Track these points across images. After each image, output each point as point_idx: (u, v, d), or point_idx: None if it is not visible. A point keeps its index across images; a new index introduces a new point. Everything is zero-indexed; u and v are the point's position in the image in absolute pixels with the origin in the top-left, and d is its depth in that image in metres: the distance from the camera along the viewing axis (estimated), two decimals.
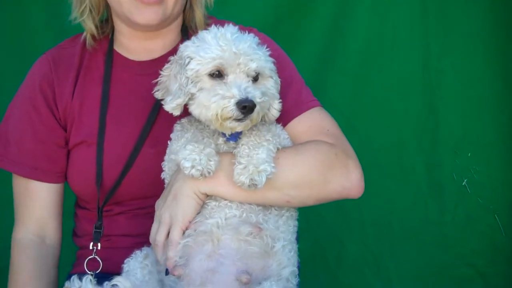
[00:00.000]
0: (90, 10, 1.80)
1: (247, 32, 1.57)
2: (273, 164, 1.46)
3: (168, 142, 1.64)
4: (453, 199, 2.78)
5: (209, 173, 1.47)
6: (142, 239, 1.66)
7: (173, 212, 1.53)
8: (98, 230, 1.76)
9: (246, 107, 1.43)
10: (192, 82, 1.51)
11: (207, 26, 1.65)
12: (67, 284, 1.41)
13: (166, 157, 1.65)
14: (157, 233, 1.54)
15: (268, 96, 1.53)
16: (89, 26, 1.81)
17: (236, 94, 1.44)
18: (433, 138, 2.78)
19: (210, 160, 1.47)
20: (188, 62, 1.52)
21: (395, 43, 2.76)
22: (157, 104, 1.70)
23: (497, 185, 2.75)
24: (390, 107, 2.79)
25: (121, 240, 1.77)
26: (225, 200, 1.53)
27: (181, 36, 1.84)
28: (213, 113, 1.46)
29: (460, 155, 2.77)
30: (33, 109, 1.78)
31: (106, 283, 1.45)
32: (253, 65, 1.48)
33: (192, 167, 1.45)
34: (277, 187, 1.52)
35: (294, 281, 1.55)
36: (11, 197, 1.84)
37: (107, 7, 1.81)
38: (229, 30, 1.53)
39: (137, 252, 1.60)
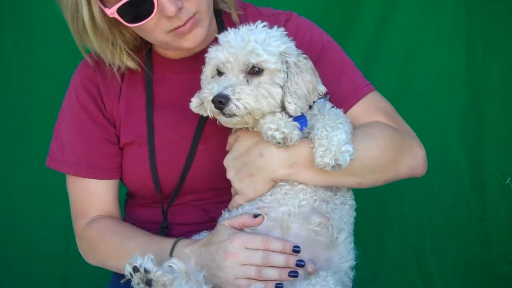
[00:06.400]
0: (126, 43, 1.74)
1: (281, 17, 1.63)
2: (352, 145, 1.47)
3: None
4: (496, 197, 2.73)
5: (291, 140, 1.48)
6: (198, 227, 1.72)
7: (245, 188, 1.57)
8: (164, 230, 1.81)
9: (219, 101, 1.45)
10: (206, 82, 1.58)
11: (244, 12, 1.70)
12: (131, 260, 1.46)
13: None
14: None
15: (260, 91, 1.49)
16: (127, 64, 1.76)
17: (214, 91, 1.47)
18: (477, 135, 2.74)
19: (295, 130, 1.49)
20: (207, 63, 1.58)
21: (440, 39, 2.72)
22: None
23: None
24: (433, 104, 2.76)
25: (177, 228, 1.82)
26: (300, 183, 1.54)
27: (217, 29, 1.81)
28: (206, 108, 1.52)
29: (504, 154, 2.72)
30: (82, 109, 1.81)
31: (165, 262, 1.51)
32: (241, 60, 1.49)
33: (277, 129, 1.46)
34: (354, 169, 1.53)
35: (351, 274, 1.59)
36: None
37: None
38: (236, 31, 1.53)
39: (195, 236, 1.65)
